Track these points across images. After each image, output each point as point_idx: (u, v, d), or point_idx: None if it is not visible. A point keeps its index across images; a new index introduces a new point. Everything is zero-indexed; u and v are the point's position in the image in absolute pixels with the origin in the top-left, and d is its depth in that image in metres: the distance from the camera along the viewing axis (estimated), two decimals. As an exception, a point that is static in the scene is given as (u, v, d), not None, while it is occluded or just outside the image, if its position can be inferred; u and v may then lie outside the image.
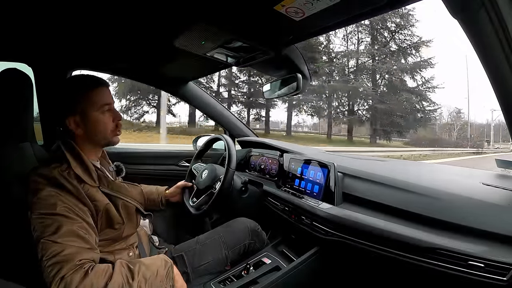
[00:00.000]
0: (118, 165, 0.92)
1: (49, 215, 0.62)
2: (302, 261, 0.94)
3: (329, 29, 0.75)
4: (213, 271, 0.98)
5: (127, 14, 0.77)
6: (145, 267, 0.66)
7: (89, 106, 0.74)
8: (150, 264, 0.68)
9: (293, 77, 1.02)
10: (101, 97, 0.76)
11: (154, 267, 0.68)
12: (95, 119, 0.75)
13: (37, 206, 0.63)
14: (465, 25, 0.47)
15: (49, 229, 0.60)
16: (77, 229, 0.63)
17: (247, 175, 1.46)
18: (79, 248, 0.61)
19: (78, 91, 0.74)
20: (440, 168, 1.21)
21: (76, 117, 0.74)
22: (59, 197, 0.64)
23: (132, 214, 0.81)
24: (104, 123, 0.77)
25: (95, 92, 0.75)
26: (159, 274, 0.68)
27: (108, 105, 0.77)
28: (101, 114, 0.76)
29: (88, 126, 0.75)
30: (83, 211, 0.67)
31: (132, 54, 1.15)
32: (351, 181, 0.95)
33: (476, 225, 0.63)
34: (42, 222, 0.61)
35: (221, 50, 0.90)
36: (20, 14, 0.78)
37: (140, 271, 0.64)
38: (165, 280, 0.68)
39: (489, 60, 0.49)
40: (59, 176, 0.66)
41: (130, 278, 0.62)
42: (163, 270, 0.69)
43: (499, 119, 36.33)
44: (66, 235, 0.60)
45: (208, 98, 1.64)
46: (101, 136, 0.77)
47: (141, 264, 0.67)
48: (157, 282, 0.66)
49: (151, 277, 0.65)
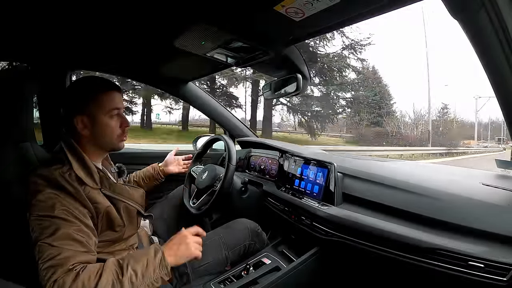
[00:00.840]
0: (120, 167, 0.92)
1: (47, 217, 0.61)
2: (302, 262, 0.94)
3: (329, 29, 0.75)
4: (213, 271, 0.98)
5: (127, 14, 0.77)
6: (134, 260, 0.64)
7: (98, 108, 0.74)
8: (139, 255, 0.67)
9: (293, 77, 1.02)
10: (111, 101, 0.76)
11: (144, 258, 0.66)
12: (102, 123, 0.75)
13: (35, 208, 0.62)
14: (465, 26, 0.47)
15: (46, 231, 0.60)
16: (74, 233, 0.62)
17: (247, 175, 1.46)
18: (75, 252, 0.60)
19: (89, 92, 0.74)
20: (440, 168, 1.22)
21: (84, 117, 0.73)
22: (58, 199, 0.64)
23: (133, 216, 0.81)
24: (111, 127, 0.76)
25: (106, 95, 0.75)
26: (149, 263, 0.65)
27: (117, 109, 0.77)
28: (109, 118, 0.75)
29: (94, 129, 0.75)
30: (83, 214, 0.67)
31: (132, 54, 1.15)
32: (351, 181, 0.95)
33: (476, 226, 0.64)
34: (40, 224, 0.61)
35: (221, 50, 0.90)
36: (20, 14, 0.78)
37: (129, 265, 0.63)
38: (158, 268, 0.66)
39: (489, 61, 0.49)
40: (60, 178, 0.66)
41: (120, 274, 0.61)
42: (154, 259, 0.66)
43: (492, 117, 35.21)
44: (62, 239, 0.60)
45: (208, 99, 1.64)
46: (107, 140, 0.77)
47: (130, 258, 0.65)
48: (149, 272, 0.64)
49: (141, 268, 0.63)
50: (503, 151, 19.66)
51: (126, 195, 0.79)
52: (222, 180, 1.07)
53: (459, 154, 17.18)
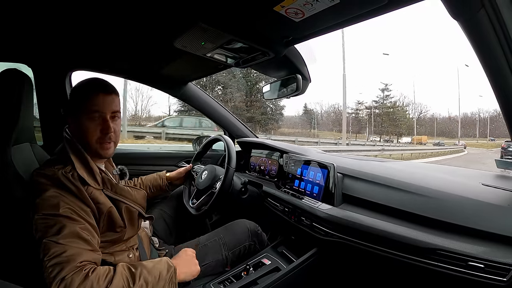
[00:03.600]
0: (122, 169, 0.91)
1: (52, 216, 0.62)
2: (302, 262, 0.94)
3: (329, 29, 0.75)
4: (213, 272, 0.98)
5: (127, 14, 0.77)
6: (147, 271, 0.65)
7: (81, 109, 0.72)
8: (152, 267, 0.67)
9: (293, 77, 1.02)
10: (95, 104, 0.71)
11: (157, 271, 0.67)
12: (82, 124, 0.72)
13: (40, 207, 0.62)
14: (465, 27, 0.47)
15: (51, 229, 0.60)
16: (79, 231, 0.62)
17: (246, 176, 1.46)
18: (81, 250, 0.60)
19: (77, 92, 0.74)
20: (440, 168, 1.21)
21: (71, 117, 0.73)
22: (62, 198, 0.64)
23: (134, 218, 0.80)
24: (89, 129, 0.72)
25: (89, 96, 0.72)
26: (161, 278, 0.67)
27: (99, 113, 0.72)
28: (88, 120, 0.72)
29: (77, 130, 0.73)
30: (86, 213, 0.67)
31: (132, 54, 1.15)
32: (351, 181, 0.95)
33: (476, 226, 0.64)
34: (45, 223, 0.61)
35: (220, 51, 0.90)
36: (20, 15, 0.78)
37: (142, 275, 0.64)
38: (167, 284, 0.68)
39: (489, 61, 0.49)
40: (62, 178, 0.66)
41: (131, 282, 0.62)
42: (166, 275, 0.68)
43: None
44: (68, 236, 0.60)
45: (208, 99, 1.64)
46: (87, 143, 0.73)
47: (143, 267, 0.66)
48: (159, 286, 0.66)
49: (152, 281, 0.64)
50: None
51: (128, 196, 0.79)
52: (221, 181, 1.07)
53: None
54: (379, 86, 30.81)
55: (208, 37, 0.81)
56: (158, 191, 1.19)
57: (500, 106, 0.54)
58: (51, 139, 1.25)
